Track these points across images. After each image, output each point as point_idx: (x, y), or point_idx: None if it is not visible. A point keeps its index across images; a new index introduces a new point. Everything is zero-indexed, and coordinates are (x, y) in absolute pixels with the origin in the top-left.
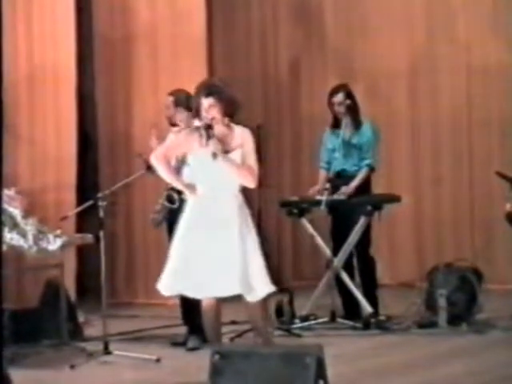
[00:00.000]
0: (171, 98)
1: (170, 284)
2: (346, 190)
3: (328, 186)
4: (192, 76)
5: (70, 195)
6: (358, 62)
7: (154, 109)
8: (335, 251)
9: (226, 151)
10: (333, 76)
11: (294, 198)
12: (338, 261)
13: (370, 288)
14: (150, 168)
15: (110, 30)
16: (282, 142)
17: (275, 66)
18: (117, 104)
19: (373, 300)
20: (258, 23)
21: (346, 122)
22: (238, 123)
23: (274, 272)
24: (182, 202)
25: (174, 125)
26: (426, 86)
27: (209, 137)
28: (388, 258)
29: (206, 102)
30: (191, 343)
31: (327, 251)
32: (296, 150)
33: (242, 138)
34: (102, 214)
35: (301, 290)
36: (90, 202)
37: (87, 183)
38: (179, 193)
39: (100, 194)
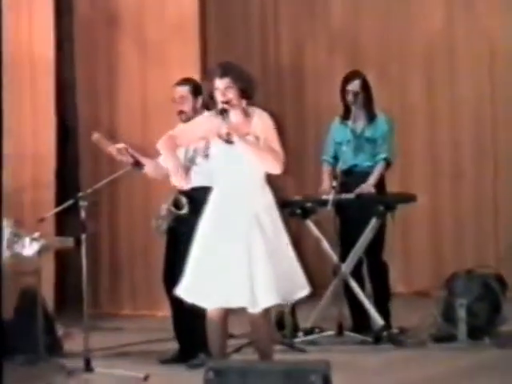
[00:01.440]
0: (187, 88)
1: (190, 290)
2: (366, 187)
3: (335, 183)
4: (183, 62)
5: (49, 194)
6: (369, 46)
7: (141, 97)
8: (343, 256)
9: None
10: (340, 63)
11: (298, 198)
12: (347, 267)
13: (382, 297)
14: (137, 163)
15: (91, 10)
16: (285, 136)
17: (276, 53)
18: (100, 92)
19: (385, 311)
20: (257, 5)
21: (356, 113)
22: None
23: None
24: (194, 207)
25: (188, 120)
26: (445, 72)
27: (223, 121)
28: (402, 263)
29: (222, 83)
30: (198, 360)
31: (334, 256)
32: (300, 144)
33: (261, 123)
34: (83, 214)
35: (304, 299)
36: (71, 202)
37: (67, 180)
38: (189, 197)
39: (81, 193)
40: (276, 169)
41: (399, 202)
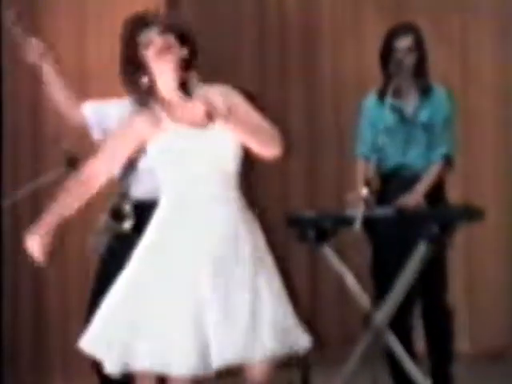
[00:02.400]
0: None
1: (98, 339)
2: (412, 198)
3: (366, 192)
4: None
5: None
6: None
7: (79, 61)
8: (379, 298)
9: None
10: (373, 15)
11: (310, 214)
12: (383, 315)
13: (443, 360)
14: (73, 162)
15: None
16: (289, 123)
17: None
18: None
19: (444, 377)
20: None
21: (403, 85)
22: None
23: None
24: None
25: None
26: None
27: (187, 94)
28: (465, 311)
29: (162, 42)
30: None
31: (364, 299)
32: (313, 135)
33: (226, 100)
34: None
35: (321, 362)
36: None
37: None
38: (137, 207)
39: None
40: (275, 148)
41: (460, 218)
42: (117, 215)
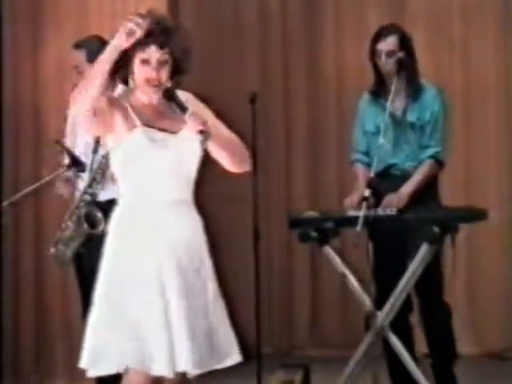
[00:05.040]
0: (82, 53)
1: (93, 358)
2: (399, 195)
3: (368, 193)
4: None
5: None
6: None
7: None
8: (380, 301)
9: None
10: (375, 13)
11: (312, 214)
12: (385, 316)
13: (445, 360)
14: (74, 162)
15: None
16: (290, 122)
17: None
18: (21, 56)
19: (448, 377)
20: None
21: (396, 86)
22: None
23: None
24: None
25: None
26: None
27: (183, 109)
28: (466, 312)
29: (158, 57)
30: None
31: (367, 300)
32: (312, 134)
33: (201, 109)
34: None
35: (322, 363)
36: None
37: None
38: (104, 210)
39: None
40: (246, 163)
41: (462, 219)
42: (90, 222)
